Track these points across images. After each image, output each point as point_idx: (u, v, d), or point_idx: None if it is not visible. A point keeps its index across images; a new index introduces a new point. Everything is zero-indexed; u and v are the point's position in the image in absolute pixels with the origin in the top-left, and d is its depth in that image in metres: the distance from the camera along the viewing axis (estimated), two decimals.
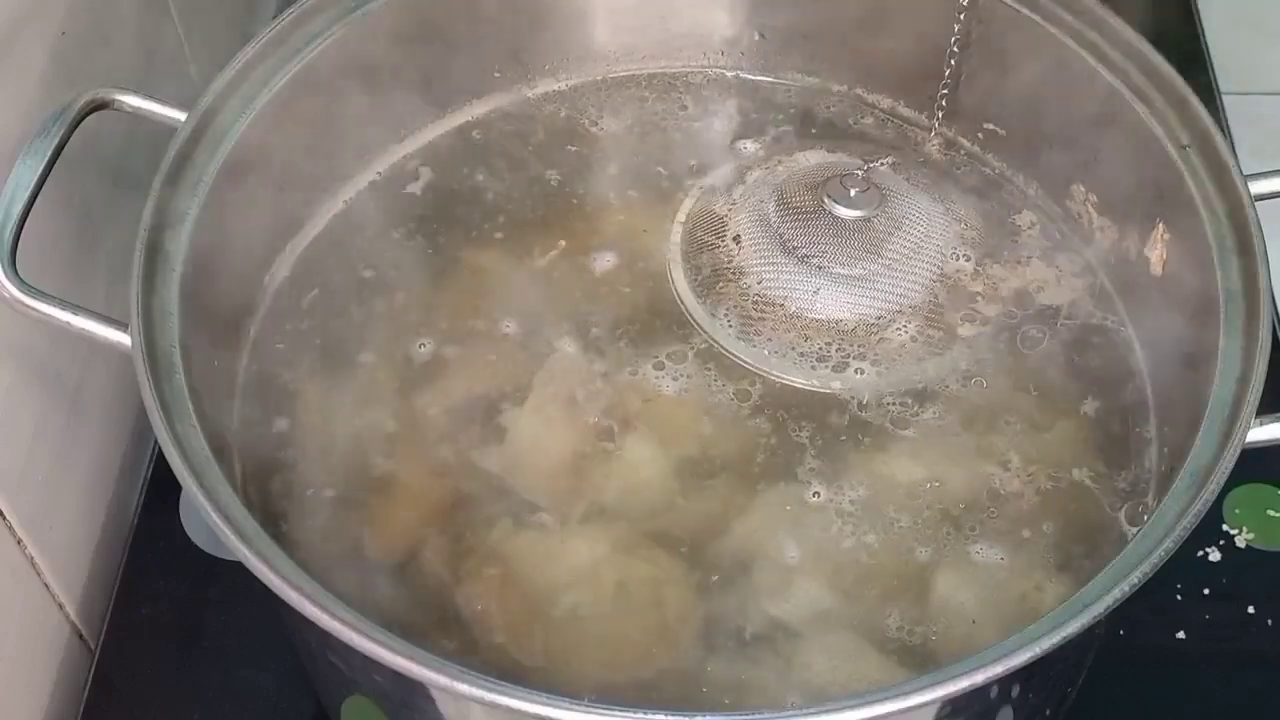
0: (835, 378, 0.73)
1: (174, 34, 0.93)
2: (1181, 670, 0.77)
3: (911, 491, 0.70)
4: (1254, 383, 0.63)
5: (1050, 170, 0.81)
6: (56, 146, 0.68)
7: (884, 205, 0.75)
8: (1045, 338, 0.75)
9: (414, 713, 0.64)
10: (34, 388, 0.74)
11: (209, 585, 0.80)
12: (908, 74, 0.84)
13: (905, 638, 0.65)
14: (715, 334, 0.75)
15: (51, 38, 0.75)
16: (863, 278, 0.74)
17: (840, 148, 0.83)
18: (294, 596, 0.57)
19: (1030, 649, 0.55)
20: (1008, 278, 0.77)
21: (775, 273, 0.75)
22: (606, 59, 0.88)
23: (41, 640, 0.77)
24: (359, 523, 0.69)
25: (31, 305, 0.65)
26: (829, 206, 0.74)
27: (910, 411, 0.72)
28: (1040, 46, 0.77)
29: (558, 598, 0.67)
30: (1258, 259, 0.67)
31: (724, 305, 0.75)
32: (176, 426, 0.62)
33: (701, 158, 0.83)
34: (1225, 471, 0.60)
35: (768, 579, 0.67)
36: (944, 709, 0.57)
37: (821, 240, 0.74)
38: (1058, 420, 0.72)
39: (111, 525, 0.84)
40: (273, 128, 0.75)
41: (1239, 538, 0.81)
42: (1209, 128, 0.71)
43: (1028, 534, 0.68)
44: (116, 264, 0.78)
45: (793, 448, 0.71)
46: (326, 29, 0.77)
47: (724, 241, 0.77)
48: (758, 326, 0.74)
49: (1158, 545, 0.58)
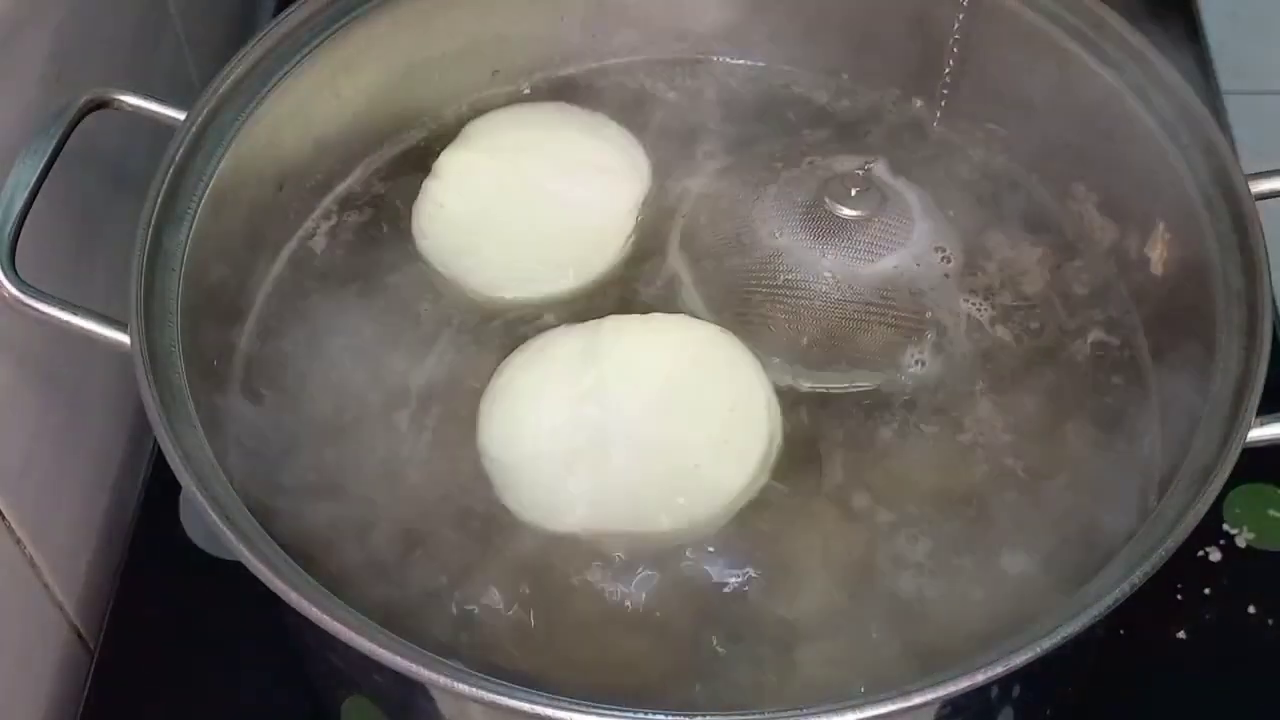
0: (835, 378, 0.73)
1: (174, 34, 0.93)
2: (1181, 670, 0.77)
3: (912, 491, 0.70)
4: (1254, 382, 0.63)
5: (1051, 170, 0.81)
6: (56, 146, 0.68)
7: (884, 205, 0.75)
8: (1045, 338, 0.75)
9: (414, 713, 0.64)
10: (33, 387, 0.74)
11: (209, 585, 0.80)
12: (908, 73, 0.84)
13: (906, 638, 0.65)
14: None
15: (51, 38, 0.75)
16: (862, 277, 0.74)
17: (840, 147, 0.83)
18: (294, 597, 0.57)
19: (1030, 649, 0.55)
20: (1007, 278, 0.77)
21: (774, 273, 0.75)
22: (602, 49, 0.88)
23: (41, 640, 0.77)
24: (359, 521, 0.69)
25: (31, 305, 0.65)
26: (829, 206, 0.74)
27: (910, 411, 0.72)
28: (1041, 46, 0.77)
29: (559, 597, 0.67)
30: (1258, 259, 0.67)
31: (724, 305, 0.75)
32: (176, 426, 0.62)
33: (699, 155, 0.83)
34: (1225, 471, 0.60)
35: (770, 578, 0.67)
36: (944, 709, 0.57)
37: (821, 240, 0.74)
38: (1057, 420, 0.72)
39: (111, 525, 0.84)
40: (272, 127, 0.76)
41: (1239, 538, 0.81)
42: (1210, 127, 0.71)
43: (1028, 534, 0.68)
44: (116, 264, 0.78)
45: (794, 448, 0.71)
46: (327, 28, 0.77)
47: (724, 241, 0.77)
48: (758, 326, 0.74)
49: (1158, 545, 0.58)
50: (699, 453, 0.68)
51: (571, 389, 0.69)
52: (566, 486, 0.67)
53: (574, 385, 0.69)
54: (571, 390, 0.69)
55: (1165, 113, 0.73)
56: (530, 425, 0.69)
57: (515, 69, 0.87)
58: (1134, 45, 0.75)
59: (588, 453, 0.67)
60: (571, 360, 0.70)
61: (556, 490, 0.67)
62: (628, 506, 0.67)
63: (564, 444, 0.68)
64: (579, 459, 0.67)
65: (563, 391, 0.69)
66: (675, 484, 0.67)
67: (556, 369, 0.70)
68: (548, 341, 0.72)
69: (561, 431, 0.68)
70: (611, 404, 0.68)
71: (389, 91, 0.82)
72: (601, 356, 0.69)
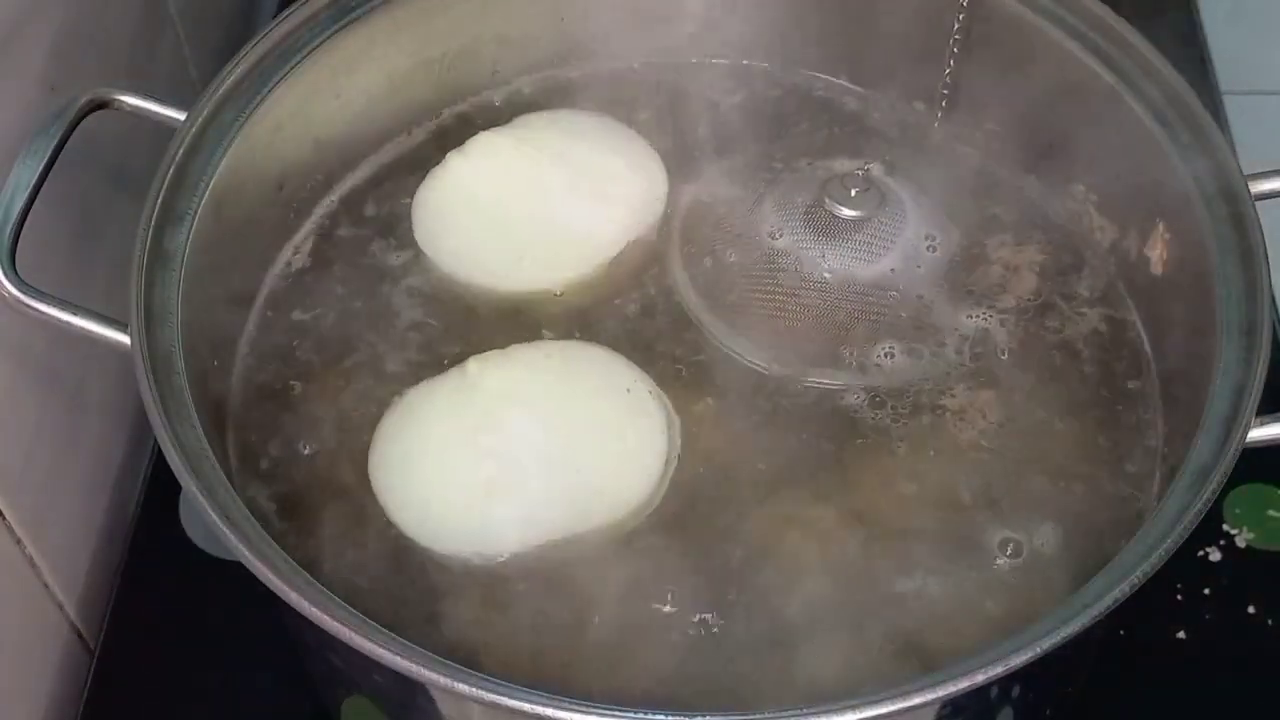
0: (836, 378, 0.73)
1: (174, 34, 0.93)
2: (1181, 670, 0.77)
3: (913, 491, 0.70)
4: (1254, 383, 0.63)
5: (1051, 170, 0.81)
6: (56, 146, 0.68)
7: (884, 205, 0.75)
8: (1045, 338, 0.75)
9: (414, 713, 0.64)
10: (34, 387, 0.74)
11: (209, 585, 0.80)
12: (908, 73, 0.84)
13: (907, 638, 0.65)
14: (718, 333, 0.75)
15: (51, 38, 0.75)
16: (863, 278, 0.74)
17: (840, 147, 0.83)
18: (294, 597, 0.57)
19: (1030, 649, 0.55)
20: (1007, 278, 0.77)
21: (774, 273, 0.75)
22: (602, 49, 0.88)
23: (41, 640, 0.77)
24: (360, 520, 0.69)
25: (31, 305, 0.65)
26: (829, 206, 0.74)
27: (911, 411, 0.72)
28: (1040, 46, 0.77)
29: (560, 597, 0.67)
30: (1258, 259, 0.67)
31: (725, 304, 0.75)
32: (176, 426, 0.62)
33: (699, 154, 0.83)
34: (1225, 471, 0.60)
35: (772, 578, 0.67)
36: (944, 709, 0.57)
37: (822, 240, 0.74)
38: (1057, 420, 0.72)
39: (111, 525, 0.84)
40: (272, 127, 0.76)
41: (1239, 538, 0.81)
42: (1210, 127, 0.71)
43: (1028, 533, 0.68)
44: (116, 264, 0.78)
45: (796, 448, 0.71)
46: (327, 28, 0.77)
47: (724, 241, 0.77)
48: (759, 326, 0.74)
49: (1158, 545, 0.58)
50: (610, 439, 0.69)
51: (460, 425, 0.69)
52: (494, 513, 0.67)
53: (461, 423, 0.69)
54: (461, 426, 0.69)
55: (1165, 113, 0.73)
56: (435, 471, 0.69)
57: (515, 69, 0.87)
58: (1134, 45, 0.75)
59: (501, 477, 0.67)
60: (449, 404, 0.70)
61: (486, 518, 0.67)
62: (559, 513, 0.67)
63: (477, 475, 0.68)
64: (495, 486, 0.67)
65: (452, 432, 0.69)
66: (596, 479, 0.68)
67: (436, 415, 0.70)
68: (415, 398, 0.71)
69: (466, 465, 0.68)
70: (505, 429, 0.68)
71: (389, 91, 0.82)
72: (477, 391, 0.69)
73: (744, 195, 0.79)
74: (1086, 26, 0.76)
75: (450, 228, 0.78)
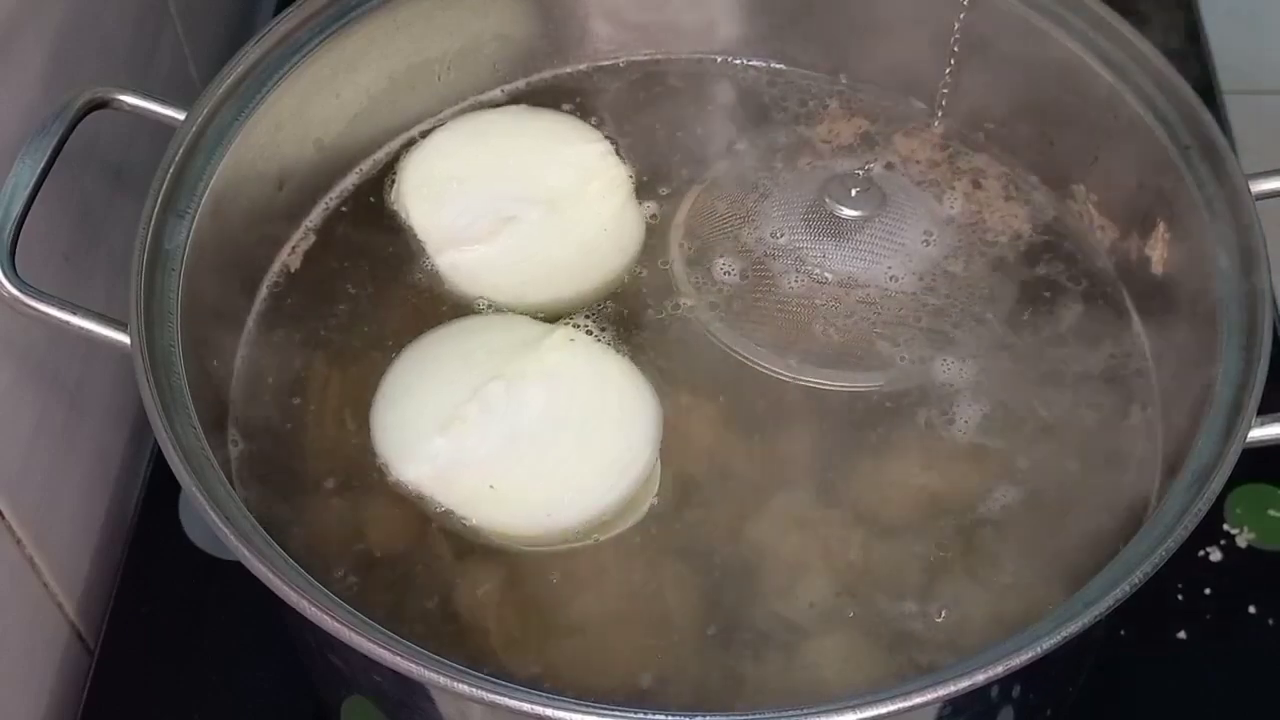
0: (836, 378, 0.73)
1: (174, 34, 0.93)
2: (1181, 670, 0.77)
3: (914, 490, 0.70)
4: (1254, 383, 0.63)
5: (1051, 170, 0.81)
6: (56, 145, 0.68)
7: (885, 205, 0.75)
8: (1046, 338, 0.75)
9: (414, 713, 0.64)
10: (33, 387, 0.74)
11: (209, 585, 0.80)
12: (908, 73, 0.84)
13: (907, 638, 0.65)
14: (718, 333, 0.75)
15: (51, 38, 0.75)
16: (863, 278, 0.74)
17: (840, 147, 0.83)
18: (294, 597, 0.57)
19: (1030, 649, 0.55)
20: (1007, 278, 0.77)
21: (775, 273, 0.75)
22: (600, 48, 0.88)
23: (41, 640, 0.77)
24: (360, 521, 0.69)
25: (31, 305, 0.65)
26: (830, 206, 0.75)
27: (912, 411, 0.72)
28: (1041, 46, 0.77)
29: (561, 596, 0.67)
30: (1259, 259, 0.67)
31: (726, 304, 0.75)
32: (176, 426, 0.62)
33: (699, 154, 0.83)
34: (1226, 471, 0.60)
35: (773, 578, 0.67)
36: (944, 709, 0.57)
37: (822, 240, 0.74)
38: (1058, 420, 0.72)
39: (111, 525, 0.84)
40: (272, 127, 0.76)
41: (1239, 538, 0.81)
42: (1210, 127, 0.71)
43: (1029, 533, 0.68)
44: (116, 264, 0.78)
45: (796, 448, 0.71)
46: (327, 28, 0.77)
47: (724, 241, 0.77)
48: (759, 326, 0.74)
49: (1158, 545, 0.58)
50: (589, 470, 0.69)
51: (485, 366, 0.70)
52: (432, 442, 0.68)
53: (489, 364, 0.70)
54: (484, 367, 0.70)
55: (1165, 113, 0.73)
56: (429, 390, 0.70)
57: (515, 69, 0.87)
58: (1134, 45, 0.75)
59: (473, 421, 0.68)
60: (494, 342, 0.72)
61: (424, 440, 0.68)
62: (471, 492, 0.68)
63: (454, 409, 0.68)
64: (458, 423, 0.68)
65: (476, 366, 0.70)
66: (589, 465, 0.68)
67: (473, 345, 0.72)
68: (470, 324, 0.74)
69: (454, 397, 0.69)
70: (520, 395, 0.69)
71: (389, 91, 0.82)
72: (533, 351, 0.70)
73: (744, 196, 0.79)
74: (1086, 26, 0.76)
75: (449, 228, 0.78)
